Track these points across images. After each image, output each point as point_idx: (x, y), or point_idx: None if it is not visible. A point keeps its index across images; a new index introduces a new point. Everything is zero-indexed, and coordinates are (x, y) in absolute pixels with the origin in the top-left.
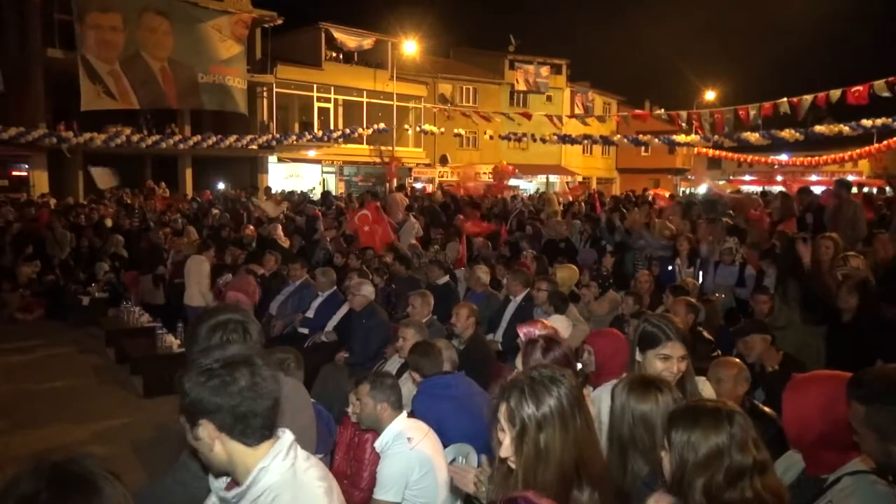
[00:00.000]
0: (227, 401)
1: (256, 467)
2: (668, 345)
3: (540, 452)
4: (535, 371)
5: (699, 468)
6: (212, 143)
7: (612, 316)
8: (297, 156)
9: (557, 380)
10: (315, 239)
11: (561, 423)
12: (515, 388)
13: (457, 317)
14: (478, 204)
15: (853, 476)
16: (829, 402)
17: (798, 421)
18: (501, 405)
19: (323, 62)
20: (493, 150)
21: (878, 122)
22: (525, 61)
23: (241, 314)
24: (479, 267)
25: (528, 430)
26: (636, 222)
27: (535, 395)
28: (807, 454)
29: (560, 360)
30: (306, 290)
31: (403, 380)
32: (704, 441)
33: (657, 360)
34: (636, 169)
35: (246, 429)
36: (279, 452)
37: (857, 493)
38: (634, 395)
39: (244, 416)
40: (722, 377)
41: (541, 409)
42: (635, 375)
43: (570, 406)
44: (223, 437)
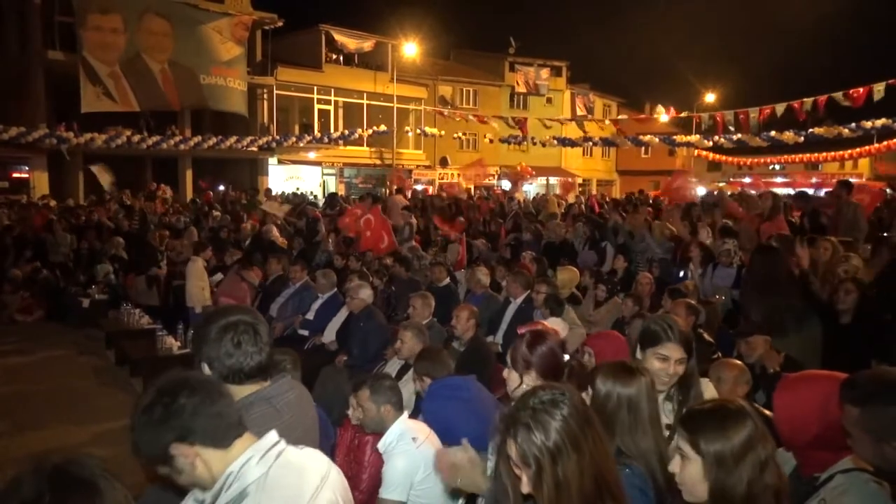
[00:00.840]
0: (186, 421)
1: (236, 462)
2: (668, 345)
3: (560, 485)
4: (534, 398)
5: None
6: (212, 144)
7: (613, 318)
8: (297, 158)
9: (558, 401)
10: (315, 241)
11: (574, 448)
12: (520, 424)
13: (457, 319)
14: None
15: (846, 474)
16: (823, 402)
17: (791, 421)
18: (509, 442)
19: (323, 64)
20: (493, 151)
21: (878, 122)
22: (525, 63)
23: (250, 315)
24: (479, 269)
25: (545, 467)
26: (639, 224)
27: (541, 425)
28: (800, 454)
29: (546, 355)
30: (306, 292)
31: (404, 381)
32: (737, 440)
33: (655, 359)
34: (636, 171)
35: (216, 434)
36: (255, 453)
37: (851, 491)
38: (620, 380)
39: (210, 426)
40: (722, 378)
41: (550, 439)
42: (613, 362)
43: (579, 426)
44: (198, 450)
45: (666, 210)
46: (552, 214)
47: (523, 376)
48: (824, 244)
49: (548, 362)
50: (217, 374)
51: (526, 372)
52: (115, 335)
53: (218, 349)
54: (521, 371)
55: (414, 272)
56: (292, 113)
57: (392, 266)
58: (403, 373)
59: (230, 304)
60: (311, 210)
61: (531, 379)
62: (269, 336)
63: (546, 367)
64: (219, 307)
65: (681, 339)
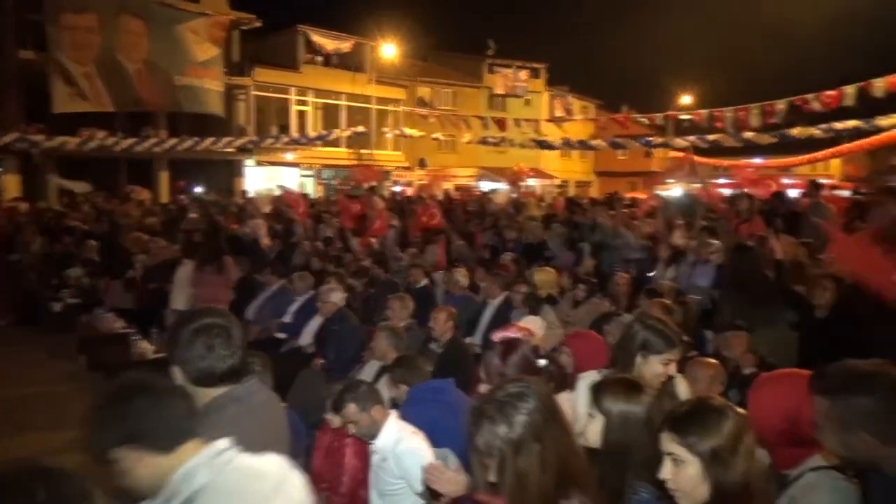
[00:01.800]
0: (129, 425)
1: (183, 468)
2: (673, 350)
3: (521, 476)
4: (501, 390)
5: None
6: (188, 146)
7: (592, 318)
8: (274, 159)
9: (525, 394)
10: (292, 242)
11: (536, 440)
12: (485, 417)
13: (435, 320)
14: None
15: (816, 472)
16: (795, 400)
17: (763, 419)
18: (476, 434)
19: (301, 65)
20: (471, 153)
21: (850, 124)
22: (504, 65)
23: (223, 318)
24: (457, 270)
25: (507, 458)
26: (618, 221)
27: (506, 418)
28: (772, 451)
29: (520, 364)
30: (284, 294)
31: (381, 384)
32: (727, 433)
33: (659, 364)
34: (613, 172)
35: (158, 438)
36: (202, 460)
37: (819, 488)
38: (632, 400)
39: (152, 429)
40: (697, 377)
41: (514, 430)
42: (617, 380)
43: (544, 418)
44: (143, 454)
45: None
46: (531, 216)
47: None
48: (789, 241)
49: (522, 371)
50: (189, 376)
51: None
52: (88, 340)
53: (190, 352)
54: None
55: (392, 274)
56: (270, 114)
57: (371, 268)
58: (381, 375)
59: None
60: (288, 211)
61: None
62: (242, 339)
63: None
64: (192, 309)
65: (679, 342)
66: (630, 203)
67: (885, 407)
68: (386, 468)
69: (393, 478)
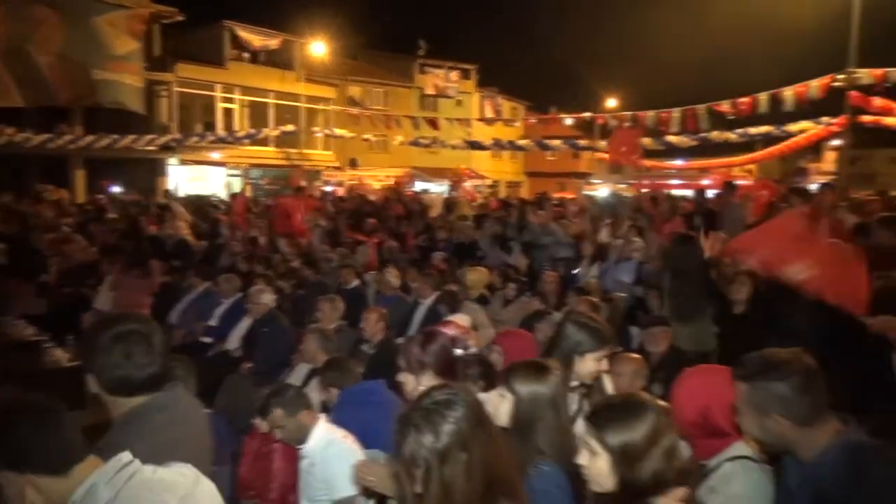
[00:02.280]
0: (14, 449)
1: (80, 490)
2: (606, 347)
3: (446, 486)
4: (428, 398)
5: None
6: (107, 143)
7: (521, 317)
8: (199, 158)
9: (452, 402)
10: (218, 244)
11: (462, 448)
12: (410, 426)
13: (366, 321)
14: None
15: (733, 461)
16: (712, 393)
17: (683, 411)
18: (401, 445)
19: (227, 61)
20: (403, 153)
21: (763, 129)
22: (435, 65)
23: (144, 325)
24: (389, 270)
25: (433, 467)
26: (546, 219)
27: (432, 426)
28: (691, 443)
29: (439, 353)
30: (209, 297)
31: (311, 387)
32: (640, 434)
33: (593, 362)
34: (543, 173)
35: (48, 462)
36: (101, 478)
37: (736, 477)
38: (540, 380)
39: (40, 452)
40: (621, 372)
41: (440, 441)
42: (525, 363)
43: (471, 426)
44: (31, 478)
45: (570, 210)
46: (463, 215)
47: (419, 377)
48: (716, 238)
49: (441, 359)
50: (104, 385)
51: (421, 372)
52: None
53: (107, 360)
54: (416, 372)
55: (323, 275)
56: (194, 111)
57: (300, 269)
58: (311, 378)
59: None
60: (214, 212)
61: (427, 379)
62: (163, 346)
63: (440, 364)
64: (110, 314)
65: (612, 339)
66: (558, 203)
67: (797, 391)
68: (315, 473)
69: (321, 482)
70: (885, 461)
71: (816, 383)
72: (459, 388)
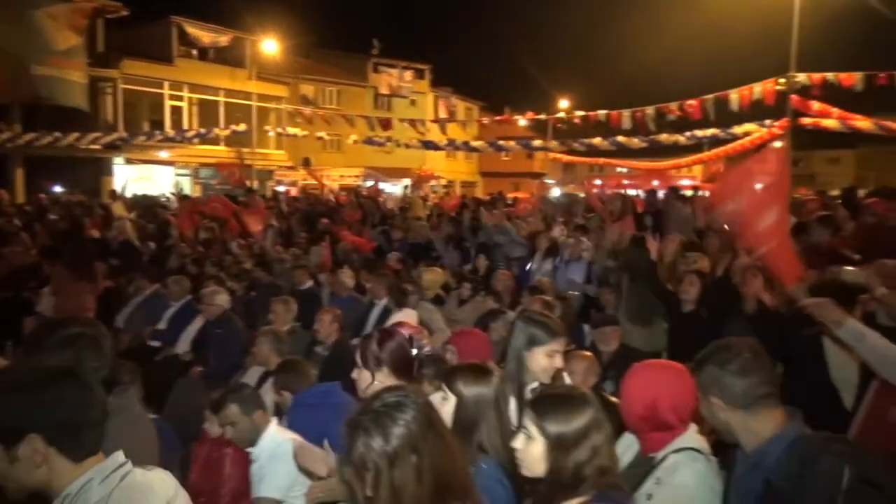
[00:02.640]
0: (58, 413)
1: (76, 483)
2: (556, 341)
3: (396, 490)
4: (378, 400)
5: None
6: (48, 142)
7: (477, 316)
8: (147, 157)
9: (402, 404)
10: (167, 245)
11: (413, 451)
12: (360, 429)
13: (320, 323)
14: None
15: (678, 453)
16: (657, 387)
17: (631, 406)
18: (351, 448)
19: (175, 58)
20: (357, 153)
21: (709, 132)
22: (388, 65)
23: (92, 328)
24: (343, 271)
25: (382, 472)
26: (500, 218)
27: (381, 429)
28: (639, 436)
29: (396, 350)
30: (157, 300)
31: (265, 390)
32: (576, 426)
33: (544, 357)
34: (498, 173)
35: (77, 443)
36: (98, 475)
37: (681, 468)
38: (482, 382)
39: (77, 429)
40: (574, 369)
41: (389, 443)
42: (467, 365)
43: (421, 429)
44: (51, 453)
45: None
46: (416, 216)
47: (375, 374)
48: (670, 240)
49: (398, 357)
50: None
51: (377, 369)
52: None
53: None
54: (372, 369)
55: (275, 276)
56: (141, 109)
57: (252, 270)
58: (264, 380)
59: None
60: (162, 213)
61: (383, 376)
62: (111, 349)
63: (397, 362)
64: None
65: (563, 332)
66: (511, 203)
67: (733, 374)
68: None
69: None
70: (831, 454)
71: (755, 369)
72: (411, 389)
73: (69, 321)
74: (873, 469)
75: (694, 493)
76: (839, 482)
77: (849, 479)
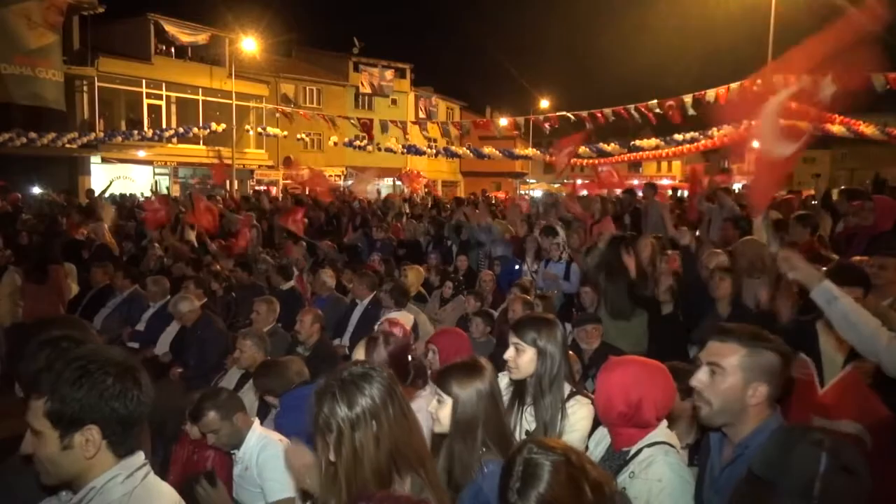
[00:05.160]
0: (120, 407)
1: (103, 477)
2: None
3: (356, 452)
4: (346, 371)
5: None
6: (23, 142)
7: (458, 315)
8: (124, 156)
9: (369, 375)
10: (144, 245)
11: (374, 418)
12: (327, 394)
13: (301, 323)
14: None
15: (651, 447)
16: (629, 383)
17: (602, 400)
18: (318, 412)
19: (153, 56)
20: (338, 152)
21: (688, 135)
22: (369, 64)
23: (78, 331)
24: (324, 271)
25: (344, 433)
26: (482, 217)
27: (347, 396)
28: (611, 430)
29: (395, 353)
30: (136, 300)
31: (244, 391)
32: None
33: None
34: (479, 172)
35: (126, 438)
36: (123, 471)
37: (655, 462)
38: (477, 378)
39: (130, 425)
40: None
41: (353, 409)
42: (457, 365)
43: (383, 399)
44: (103, 446)
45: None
46: (399, 214)
47: None
48: (644, 241)
49: (395, 362)
50: (29, 392)
51: None
52: None
53: (33, 366)
54: None
55: (255, 276)
56: (118, 108)
57: (234, 271)
58: (244, 382)
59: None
60: (139, 213)
61: None
62: None
63: (394, 365)
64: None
65: None
66: (493, 202)
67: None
68: (248, 478)
69: (255, 487)
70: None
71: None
72: (378, 366)
73: (54, 322)
74: (850, 456)
75: (667, 485)
76: (816, 469)
77: (826, 466)
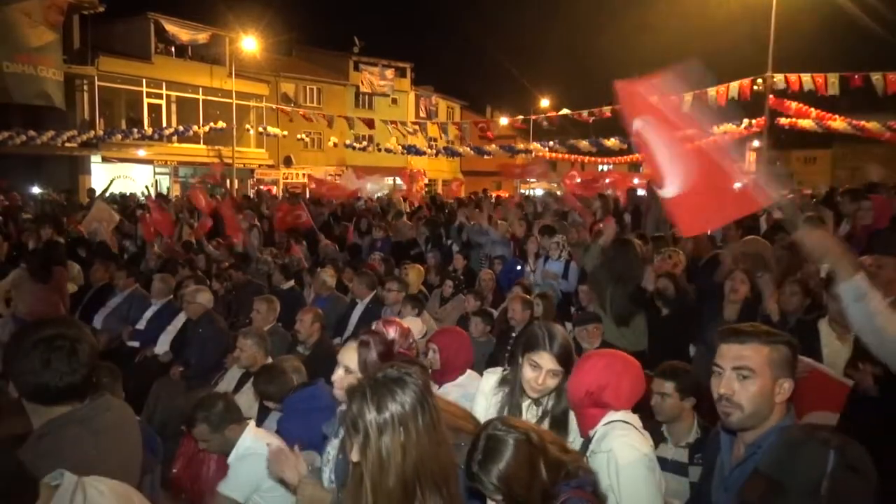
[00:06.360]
0: None
1: None
2: (542, 354)
3: (382, 458)
4: (381, 373)
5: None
6: (23, 141)
7: (458, 314)
8: (125, 155)
9: (403, 381)
10: (141, 244)
11: (402, 426)
12: (358, 393)
13: (301, 322)
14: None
15: (607, 425)
16: (601, 367)
17: (573, 381)
18: (348, 410)
19: (153, 55)
20: (338, 151)
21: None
22: (370, 63)
23: (73, 330)
24: (324, 270)
25: (371, 437)
26: (481, 218)
27: (378, 399)
28: (577, 414)
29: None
30: (136, 299)
31: (244, 391)
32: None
33: (528, 366)
34: (479, 171)
35: None
36: None
37: (608, 436)
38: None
39: None
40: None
41: (382, 413)
42: None
43: (413, 407)
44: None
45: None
46: (399, 213)
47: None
48: (639, 242)
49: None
50: (21, 391)
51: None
52: None
53: (23, 365)
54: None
55: (255, 275)
56: (118, 107)
57: (228, 269)
58: (244, 381)
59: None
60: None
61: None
62: (90, 355)
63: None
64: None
65: (558, 351)
66: (495, 202)
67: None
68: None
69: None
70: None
71: None
72: (414, 369)
73: (49, 322)
74: (857, 456)
75: (617, 453)
76: (824, 468)
77: (833, 465)
